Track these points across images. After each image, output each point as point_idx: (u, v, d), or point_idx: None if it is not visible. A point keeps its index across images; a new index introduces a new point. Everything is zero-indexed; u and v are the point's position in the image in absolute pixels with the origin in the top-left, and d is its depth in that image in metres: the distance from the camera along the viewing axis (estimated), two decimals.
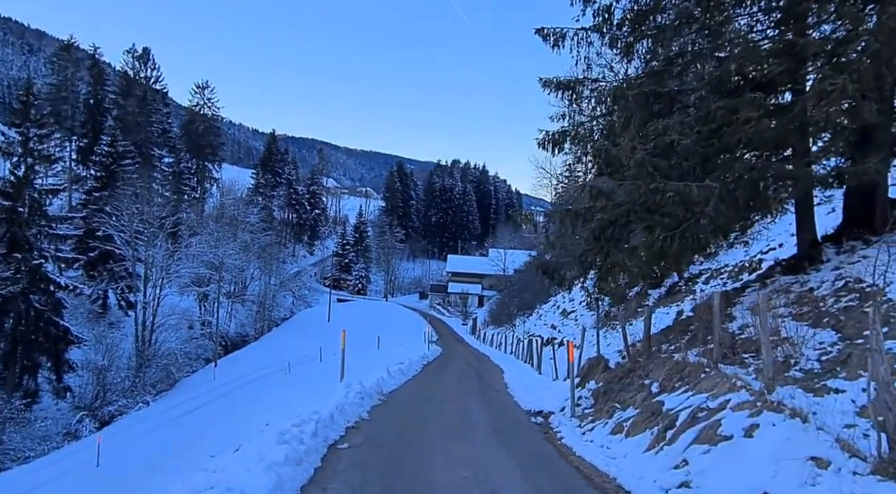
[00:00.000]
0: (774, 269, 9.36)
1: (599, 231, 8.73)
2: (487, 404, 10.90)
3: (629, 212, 8.33)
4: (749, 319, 7.34)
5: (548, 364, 17.28)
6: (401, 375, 15.37)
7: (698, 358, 6.73)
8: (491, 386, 14.54)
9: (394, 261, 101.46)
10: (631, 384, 7.92)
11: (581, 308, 33.80)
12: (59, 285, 31.56)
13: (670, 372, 6.79)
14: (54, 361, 31.17)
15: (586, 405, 9.03)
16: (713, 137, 7.44)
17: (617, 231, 8.61)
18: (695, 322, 8.96)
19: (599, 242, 8.93)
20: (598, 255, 9.23)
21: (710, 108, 7.44)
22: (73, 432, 28.16)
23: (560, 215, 9.52)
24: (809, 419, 4.27)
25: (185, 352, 40.18)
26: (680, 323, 9.46)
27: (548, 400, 10.45)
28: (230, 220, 59.09)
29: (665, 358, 7.55)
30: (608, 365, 9.96)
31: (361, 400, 9.62)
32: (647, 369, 7.72)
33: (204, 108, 77.77)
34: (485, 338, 45.97)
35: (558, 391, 11.30)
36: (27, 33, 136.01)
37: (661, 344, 8.98)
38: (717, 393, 5.36)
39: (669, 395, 6.21)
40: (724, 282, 19.15)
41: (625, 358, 9.79)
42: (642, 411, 6.33)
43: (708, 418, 4.99)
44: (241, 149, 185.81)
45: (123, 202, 37.79)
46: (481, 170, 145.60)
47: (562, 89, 9.31)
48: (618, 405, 7.51)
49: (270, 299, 60.43)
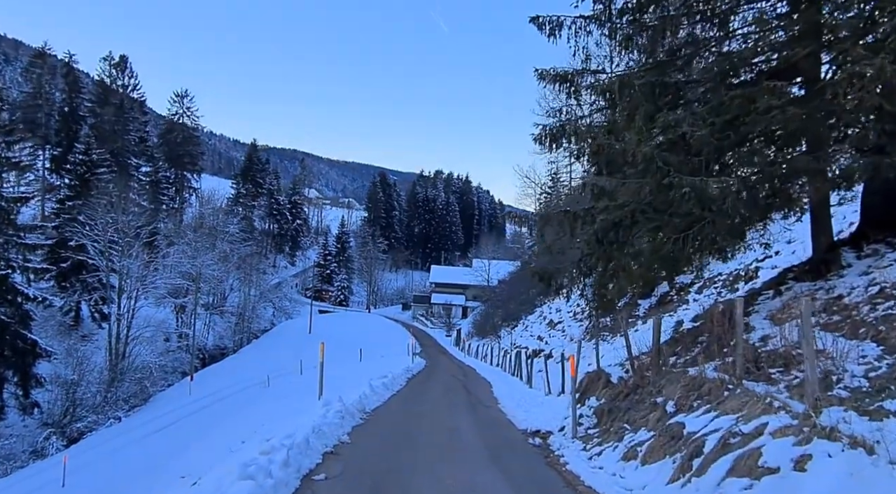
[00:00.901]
0: (786, 276, 8.75)
1: (602, 233, 8.04)
2: (479, 422, 10.09)
3: (634, 212, 7.67)
4: (770, 329, 6.69)
5: (539, 377, 16.55)
6: (384, 390, 14.53)
7: (717, 374, 6.05)
8: (481, 401, 13.74)
9: (376, 272, 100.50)
10: (640, 402, 7.22)
11: (568, 318, 33.20)
12: (28, 296, 30.24)
13: (686, 390, 6.09)
14: (21, 376, 29.77)
15: (589, 424, 8.29)
16: (728, 129, 6.83)
17: (621, 233, 7.93)
18: (704, 332, 8.30)
19: (602, 245, 8.23)
20: (600, 260, 8.54)
21: (724, 98, 6.85)
22: (40, 450, 26.80)
23: (557, 217, 8.84)
24: (876, 449, 3.59)
25: (160, 366, 38.87)
26: (686, 334, 8.81)
27: (544, 418, 9.68)
28: (209, 230, 57.92)
29: (678, 372, 6.85)
30: (610, 379, 9.23)
31: (342, 419, 8.77)
32: (657, 385, 7.01)
33: (183, 117, 76.55)
34: (469, 350, 45.21)
35: (554, 407, 10.56)
36: (3, 42, 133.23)
37: (667, 357, 8.29)
38: (748, 415, 4.67)
39: (688, 416, 5.50)
40: (719, 292, 18.59)
41: (628, 372, 9.09)
42: (659, 434, 5.61)
43: (743, 445, 4.29)
44: (222, 160, 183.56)
45: (97, 211, 36.54)
46: (464, 180, 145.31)
47: (559, 81, 8.66)
48: (627, 426, 6.80)
49: (250, 311, 59.22)
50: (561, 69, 8.68)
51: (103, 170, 46.17)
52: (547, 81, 8.68)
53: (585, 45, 8.49)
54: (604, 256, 8.42)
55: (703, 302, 18.92)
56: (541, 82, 8.70)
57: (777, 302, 7.60)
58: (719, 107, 6.85)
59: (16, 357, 29.31)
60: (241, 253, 61.26)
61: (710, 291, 19.55)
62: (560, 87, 8.70)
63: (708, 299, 18.94)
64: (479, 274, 69.36)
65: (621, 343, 18.94)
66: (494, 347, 37.78)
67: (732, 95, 6.77)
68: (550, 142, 8.62)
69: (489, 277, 66.35)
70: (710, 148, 6.80)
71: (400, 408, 11.80)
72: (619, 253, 8.18)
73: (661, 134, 7.27)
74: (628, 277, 8.52)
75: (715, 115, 6.81)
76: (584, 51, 8.57)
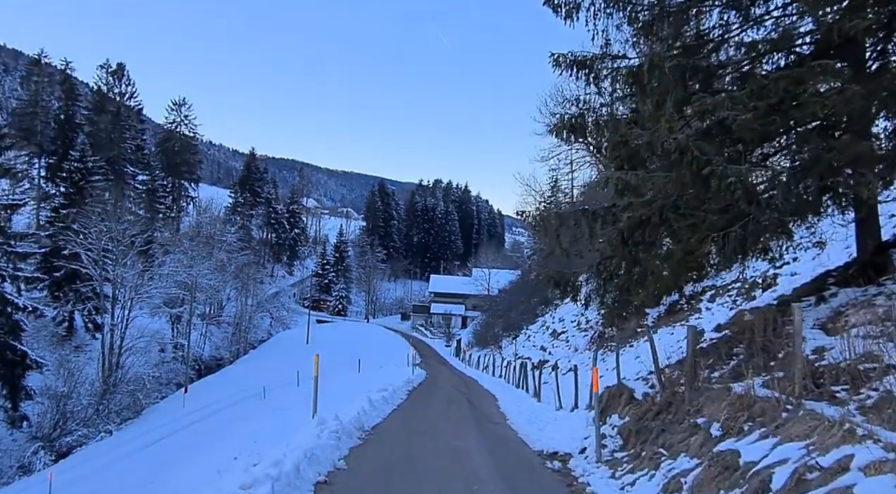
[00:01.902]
0: (825, 281, 8.00)
1: (629, 232, 7.27)
2: (489, 442, 9.22)
3: (663, 208, 6.91)
4: (824, 341, 5.92)
5: (547, 390, 15.70)
6: (384, 404, 13.71)
7: (769, 392, 5.28)
8: (487, 417, 12.88)
9: (375, 282, 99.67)
10: (675, 422, 6.41)
11: (572, 328, 32.42)
12: (18, 306, 29.49)
13: (734, 409, 5.31)
14: (10, 388, 28.97)
15: (614, 446, 7.48)
16: (772, 114, 6.12)
17: (649, 232, 7.17)
18: (739, 343, 7.52)
19: (627, 246, 7.47)
20: (624, 262, 7.76)
21: (765, 81, 6.15)
22: (27, 465, 25.88)
23: (574, 217, 8.07)
24: None
25: (154, 377, 38.00)
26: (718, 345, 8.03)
27: (560, 437, 8.85)
28: (206, 239, 57.13)
29: (720, 389, 6.05)
30: (633, 395, 8.41)
31: (338, 440, 7.93)
32: (695, 403, 6.21)
33: (181, 126, 75.96)
34: (470, 361, 44.34)
35: (569, 424, 9.74)
36: (3, 52, 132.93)
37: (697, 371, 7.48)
38: (822, 444, 3.90)
39: (741, 442, 4.73)
40: (734, 300, 17.83)
41: (653, 387, 8.30)
42: (708, 463, 4.82)
43: (825, 482, 3.51)
44: (221, 170, 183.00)
45: (91, 219, 35.78)
46: (464, 189, 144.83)
47: (577, 67, 7.91)
48: (663, 450, 6.00)
49: (247, 321, 58.38)
50: (579, 54, 7.95)
51: (98, 177, 45.56)
52: (563, 68, 7.95)
53: (605, 28, 7.81)
54: (628, 258, 7.66)
55: (717, 311, 18.16)
56: (556, 70, 7.97)
57: (825, 310, 6.84)
58: (761, 90, 6.15)
59: (5, 368, 28.54)
60: (239, 262, 60.53)
61: (724, 300, 18.77)
62: (578, 74, 7.97)
63: (722, 308, 18.15)
64: (479, 283, 68.58)
65: (632, 355, 18.15)
66: (496, 358, 36.96)
67: (777, 76, 6.07)
68: (569, 133, 7.88)
69: (489, 286, 65.52)
70: (755, 135, 6.09)
71: (402, 426, 10.96)
72: (646, 254, 7.42)
73: (698, 120, 6.56)
74: (656, 281, 7.75)
75: (756, 99, 6.11)
76: (604, 34, 7.88)
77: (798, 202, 6.17)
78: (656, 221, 6.98)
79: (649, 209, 7.00)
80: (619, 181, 6.93)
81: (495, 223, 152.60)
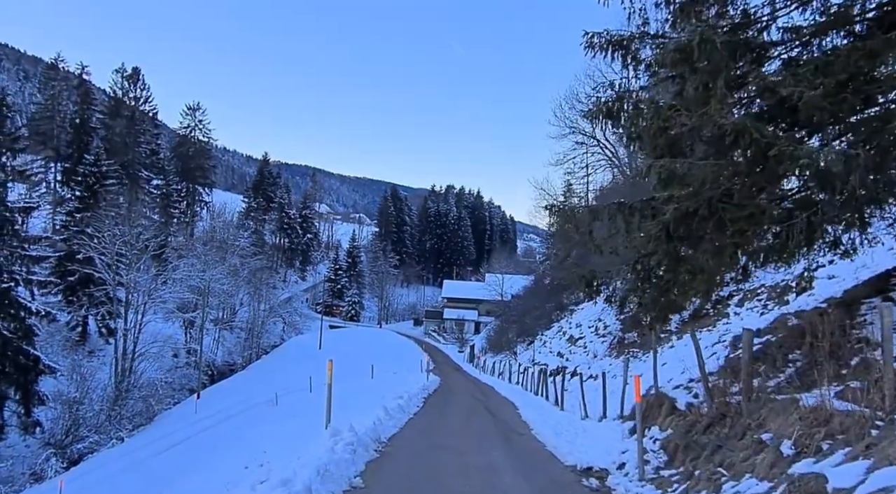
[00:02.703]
0: (888, 281, 7.32)
1: (675, 225, 6.60)
2: (515, 456, 8.56)
3: (711, 199, 6.25)
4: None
5: (571, 399, 15.01)
6: (401, 413, 13.12)
7: (848, 405, 4.64)
8: (510, 426, 12.23)
9: (388, 287, 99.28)
10: (733, 437, 5.75)
11: (590, 334, 31.64)
12: (31, 311, 29.25)
13: (807, 425, 4.67)
14: (23, 393, 28.66)
15: (657, 462, 6.81)
16: (842, 91, 5.48)
17: (697, 225, 6.50)
18: (795, 349, 6.86)
19: (672, 242, 6.80)
20: (666, 259, 7.08)
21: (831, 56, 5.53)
22: (39, 472, 25.55)
23: (609, 211, 7.43)
24: None
25: (167, 382, 37.75)
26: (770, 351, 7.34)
27: (593, 451, 8.18)
28: (220, 244, 57.08)
29: (784, 400, 5.41)
30: (675, 405, 7.75)
31: (353, 453, 7.34)
32: (755, 416, 5.57)
33: (195, 131, 76.10)
34: (485, 367, 43.65)
35: (600, 436, 9.10)
36: (23, 59, 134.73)
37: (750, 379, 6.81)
38: None
39: (822, 463, 4.09)
40: (765, 304, 17.07)
41: (697, 397, 7.64)
42: (787, 488, 4.18)
43: None
44: (235, 175, 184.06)
45: (105, 223, 35.62)
46: (476, 195, 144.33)
47: (613, 48, 7.30)
48: (723, 470, 5.34)
49: (260, 326, 58.14)
50: (615, 33, 7.34)
51: (112, 181, 45.54)
52: (598, 49, 7.35)
53: (643, 6, 7.22)
54: (672, 255, 7.00)
55: (747, 316, 17.39)
56: (589, 52, 7.36)
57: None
58: (826, 67, 5.54)
59: (17, 373, 28.24)
60: (252, 267, 60.37)
61: (754, 304, 18.00)
62: (614, 55, 7.36)
63: (751, 313, 17.40)
64: (493, 288, 67.90)
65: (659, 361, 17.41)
66: (511, 364, 36.27)
67: (850, 48, 5.45)
68: (605, 117, 7.25)
69: (503, 291, 64.80)
70: (823, 114, 5.47)
71: (420, 437, 10.33)
72: (694, 250, 6.76)
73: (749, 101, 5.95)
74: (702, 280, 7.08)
75: (822, 75, 5.50)
76: (642, 13, 7.28)
77: (876, 188, 5.52)
78: (705, 213, 6.33)
79: (696, 200, 6.36)
80: (662, 169, 6.31)
81: (508, 229, 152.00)
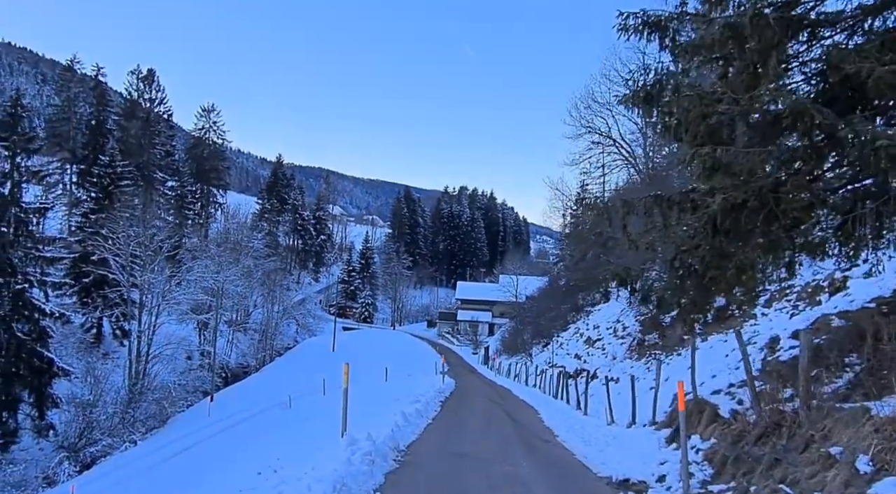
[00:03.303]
0: None
1: (722, 218, 6.05)
2: (543, 466, 8.02)
3: (762, 189, 5.70)
4: None
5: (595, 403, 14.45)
6: (418, 418, 12.67)
7: None
8: (533, 432, 11.72)
9: (401, 289, 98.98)
10: (792, 449, 5.22)
11: (608, 335, 31.02)
12: (45, 312, 29.14)
13: (885, 438, 4.17)
14: (37, 395, 28.54)
15: (703, 475, 6.25)
16: None
17: (746, 218, 5.96)
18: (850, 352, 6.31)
19: (718, 235, 6.26)
20: (709, 254, 6.50)
21: None
22: (52, 476, 25.38)
23: (645, 204, 6.90)
24: None
25: (181, 384, 37.63)
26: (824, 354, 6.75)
27: (628, 461, 7.62)
28: (234, 245, 57.02)
29: (853, 409, 4.89)
30: (717, 412, 7.20)
31: (371, 464, 6.88)
32: (818, 426, 5.05)
33: (209, 132, 76.24)
34: (500, 369, 43.12)
35: (634, 445, 8.56)
36: (41, 63, 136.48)
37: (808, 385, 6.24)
38: None
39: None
40: (795, 305, 16.43)
41: (741, 403, 7.10)
42: None
43: None
44: (249, 178, 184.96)
45: (119, 224, 35.56)
46: (489, 196, 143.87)
47: (650, 29, 6.77)
48: (786, 488, 4.79)
49: (273, 327, 58.01)
50: (652, 13, 6.84)
51: (127, 182, 45.54)
52: (632, 31, 6.84)
53: None
54: (717, 250, 6.45)
55: (776, 317, 16.75)
56: (623, 35, 6.86)
57: None
58: (893, 43, 5.04)
59: (31, 376, 28.11)
60: (266, 268, 60.28)
61: (782, 304, 17.34)
62: (650, 36, 6.85)
63: (780, 314, 16.75)
64: (507, 290, 67.30)
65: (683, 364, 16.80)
66: (528, 366, 35.73)
67: None
68: (642, 103, 6.73)
69: (517, 292, 64.18)
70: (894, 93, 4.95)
71: (441, 445, 9.85)
72: (744, 244, 6.21)
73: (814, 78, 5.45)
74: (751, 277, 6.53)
75: (889, 51, 4.99)
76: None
77: None
78: (755, 204, 5.81)
79: (745, 190, 5.84)
80: (707, 157, 5.80)
81: (521, 230, 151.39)
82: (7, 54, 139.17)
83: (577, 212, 57.87)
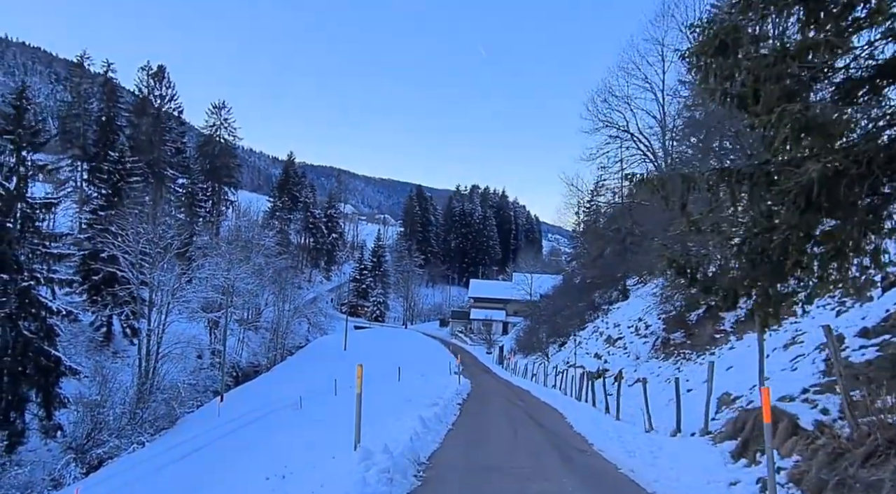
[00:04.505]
0: None
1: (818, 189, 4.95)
2: (587, 481, 6.93)
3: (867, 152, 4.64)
4: None
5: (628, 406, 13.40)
6: (438, 424, 11.72)
7: None
8: (564, 439, 10.69)
9: (413, 287, 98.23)
10: None
11: (629, 334, 29.90)
12: (52, 310, 28.49)
13: None
14: (44, 395, 27.91)
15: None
16: None
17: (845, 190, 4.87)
18: None
19: (810, 211, 5.16)
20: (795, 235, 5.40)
21: None
22: (58, 478, 24.73)
23: (708, 179, 5.85)
24: None
25: (191, 384, 36.92)
26: None
27: (686, 477, 6.59)
28: (244, 243, 56.38)
29: None
30: (797, 424, 6.18)
31: (389, 483, 5.88)
32: None
33: (221, 130, 75.68)
34: (516, 369, 42.12)
35: (687, 458, 7.53)
36: (55, 62, 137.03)
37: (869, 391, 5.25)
38: None
39: None
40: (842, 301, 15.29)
41: (826, 412, 6.07)
42: None
43: None
44: (261, 177, 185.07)
45: (129, 221, 34.92)
46: (501, 195, 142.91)
47: None
48: None
49: (285, 326, 57.37)
50: None
51: (137, 178, 44.93)
52: None
53: None
54: (804, 229, 5.37)
55: (819, 314, 15.61)
56: None
57: None
58: None
59: (38, 375, 27.48)
60: (277, 266, 59.59)
61: (825, 300, 16.19)
62: None
63: (825, 311, 15.63)
64: (520, 288, 66.19)
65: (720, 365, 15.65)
66: (545, 366, 34.71)
67: None
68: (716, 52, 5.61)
69: (531, 291, 63.08)
70: None
71: (465, 454, 8.88)
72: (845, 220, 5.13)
73: None
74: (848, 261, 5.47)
75: None
76: None
77: None
78: (860, 171, 4.75)
79: (845, 156, 4.78)
80: (799, 116, 4.76)
81: (533, 229, 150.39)
82: (21, 54, 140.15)
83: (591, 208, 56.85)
